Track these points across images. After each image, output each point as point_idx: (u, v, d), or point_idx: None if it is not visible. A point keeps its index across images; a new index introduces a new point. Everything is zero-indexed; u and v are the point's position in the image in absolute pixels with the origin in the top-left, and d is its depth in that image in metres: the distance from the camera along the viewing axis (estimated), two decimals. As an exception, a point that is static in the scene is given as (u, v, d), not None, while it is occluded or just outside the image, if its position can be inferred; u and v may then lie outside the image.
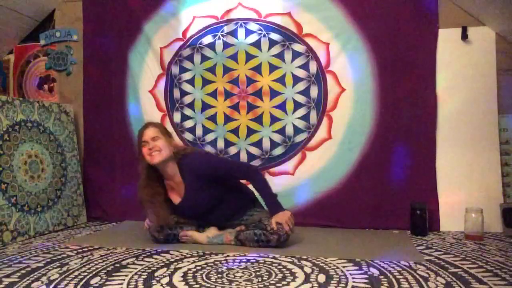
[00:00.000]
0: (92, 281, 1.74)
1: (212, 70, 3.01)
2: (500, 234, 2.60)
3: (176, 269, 1.90)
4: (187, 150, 2.42)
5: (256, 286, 1.68)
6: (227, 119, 2.99)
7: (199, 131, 3.04)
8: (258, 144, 2.95)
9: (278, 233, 2.22)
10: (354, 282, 1.72)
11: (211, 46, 3.01)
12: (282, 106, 2.93)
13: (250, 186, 2.43)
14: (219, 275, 1.81)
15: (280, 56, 2.92)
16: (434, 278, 1.76)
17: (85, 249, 2.26)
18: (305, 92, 2.90)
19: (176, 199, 2.35)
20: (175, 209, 2.36)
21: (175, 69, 3.08)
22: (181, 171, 2.30)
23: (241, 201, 2.42)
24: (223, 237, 2.34)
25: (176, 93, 3.08)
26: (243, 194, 2.45)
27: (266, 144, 2.94)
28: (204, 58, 3.02)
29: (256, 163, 2.93)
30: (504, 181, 2.71)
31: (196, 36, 3.04)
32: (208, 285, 1.70)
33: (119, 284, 1.72)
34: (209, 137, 3.04)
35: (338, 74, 2.87)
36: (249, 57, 2.97)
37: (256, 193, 2.39)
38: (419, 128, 2.77)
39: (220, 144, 3.02)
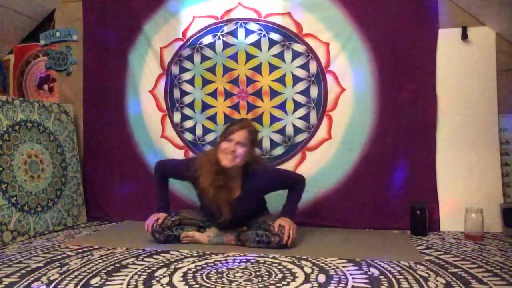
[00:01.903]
0: (92, 281, 1.74)
1: (212, 70, 3.01)
2: (500, 234, 2.60)
3: (176, 269, 1.90)
4: (257, 164, 2.34)
5: (256, 286, 1.68)
6: (227, 119, 2.98)
7: (199, 131, 3.04)
8: (258, 144, 2.95)
9: (279, 235, 2.22)
10: (354, 282, 1.72)
11: (211, 46, 3.01)
12: (282, 106, 2.93)
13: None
14: (219, 275, 1.81)
15: (280, 56, 2.92)
16: (434, 279, 1.76)
17: (85, 249, 2.26)
18: (305, 92, 2.90)
19: None
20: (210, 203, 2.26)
21: (175, 69, 3.08)
22: (244, 181, 2.30)
23: (262, 208, 2.50)
24: (224, 236, 2.34)
25: (176, 93, 3.08)
26: (265, 201, 2.54)
27: (266, 144, 2.94)
28: (204, 58, 3.03)
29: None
30: (504, 181, 2.71)
31: (196, 36, 3.04)
32: (208, 285, 1.70)
33: (119, 284, 1.72)
34: (209, 137, 3.03)
35: (338, 74, 2.87)
36: (249, 57, 2.97)
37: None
38: (419, 128, 2.77)
39: (220, 144, 3.02)
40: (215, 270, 1.88)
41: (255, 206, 2.40)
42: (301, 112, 2.91)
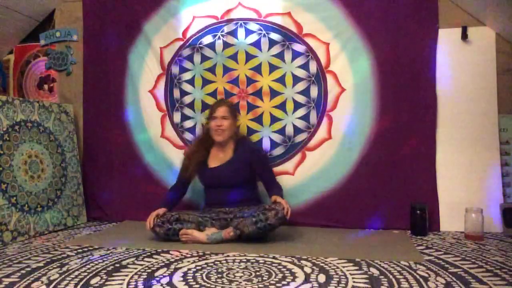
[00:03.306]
0: (92, 281, 1.74)
1: (212, 70, 3.01)
2: (500, 234, 2.60)
3: (176, 269, 1.90)
4: (245, 135, 2.86)
5: (256, 286, 1.68)
6: (227, 119, 2.98)
7: (199, 131, 3.04)
8: (258, 144, 2.95)
9: (275, 208, 2.29)
10: (354, 282, 1.72)
11: (211, 46, 3.01)
12: (282, 106, 2.93)
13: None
14: (219, 275, 1.81)
15: (280, 56, 2.92)
16: (434, 279, 1.76)
17: (85, 249, 2.26)
18: (305, 92, 2.90)
19: (214, 163, 2.63)
20: (207, 172, 2.63)
21: (175, 69, 3.08)
22: (237, 146, 2.64)
23: (255, 195, 2.66)
24: (222, 232, 2.36)
25: (176, 93, 3.08)
26: (257, 193, 2.71)
27: (266, 144, 2.94)
28: (204, 58, 3.02)
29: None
30: (504, 181, 2.71)
31: (196, 36, 3.04)
32: (208, 285, 1.70)
33: (119, 284, 1.72)
34: (209, 137, 3.03)
35: (338, 74, 2.87)
36: (249, 57, 2.96)
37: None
38: (419, 128, 2.77)
39: (220, 144, 3.02)
40: (215, 270, 1.88)
41: (249, 175, 2.61)
42: (301, 112, 2.91)
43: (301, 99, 2.90)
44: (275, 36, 2.93)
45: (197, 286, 1.69)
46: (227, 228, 2.39)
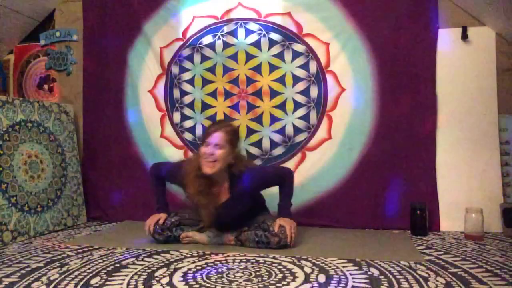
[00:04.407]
0: (92, 281, 1.74)
1: (212, 70, 3.01)
2: (500, 234, 2.60)
3: (176, 269, 1.90)
4: (242, 166, 2.27)
5: (256, 286, 1.68)
6: (227, 119, 2.98)
7: (199, 131, 3.04)
8: (258, 144, 2.95)
9: (279, 236, 2.21)
10: (354, 282, 1.72)
11: (211, 46, 3.01)
12: (282, 106, 2.93)
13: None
14: (219, 275, 1.81)
15: (280, 56, 2.92)
16: (434, 279, 1.76)
17: (85, 249, 2.26)
18: (305, 92, 2.90)
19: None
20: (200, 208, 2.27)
21: (175, 69, 3.08)
22: (232, 184, 2.25)
23: (259, 209, 2.45)
24: (224, 237, 2.34)
25: (176, 93, 3.08)
26: (261, 202, 2.50)
27: (266, 144, 2.94)
28: (204, 58, 3.02)
29: (256, 163, 2.92)
30: (504, 181, 2.71)
31: (196, 36, 3.04)
32: (208, 285, 1.70)
33: (119, 284, 1.72)
34: (209, 137, 3.03)
35: (338, 74, 2.87)
36: (249, 57, 2.96)
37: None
38: (419, 128, 2.77)
39: (220, 144, 3.01)
40: (215, 271, 1.88)
41: (248, 208, 2.35)
42: (301, 112, 2.91)
43: (301, 99, 2.90)
44: (275, 36, 2.93)
45: (197, 286, 1.69)
46: (230, 235, 2.34)
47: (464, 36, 2.73)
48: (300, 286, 1.68)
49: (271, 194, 2.44)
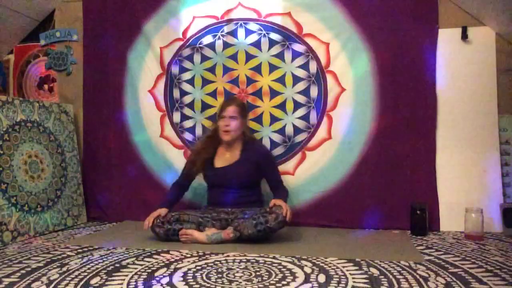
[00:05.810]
0: (92, 281, 1.74)
1: (212, 70, 3.01)
2: (500, 234, 2.60)
3: (176, 269, 1.90)
4: (254, 136, 2.82)
5: (256, 286, 1.68)
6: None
7: (199, 131, 3.04)
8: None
9: (276, 212, 2.29)
10: (354, 282, 1.72)
11: (211, 46, 3.01)
12: (282, 106, 2.92)
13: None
14: (219, 275, 1.81)
15: (280, 56, 2.92)
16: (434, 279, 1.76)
17: (85, 249, 2.26)
18: (305, 92, 2.90)
19: (220, 163, 2.63)
20: (212, 171, 2.63)
21: (175, 69, 3.07)
22: (244, 147, 2.64)
23: (258, 197, 2.66)
24: (222, 233, 2.36)
25: (176, 93, 3.08)
26: (261, 194, 2.71)
27: (266, 144, 2.94)
28: (204, 58, 3.02)
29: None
30: (504, 181, 2.71)
31: (196, 36, 3.04)
32: (208, 285, 1.70)
33: (119, 284, 1.72)
34: (209, 137, 3.03)
35: (338, 74, 2.86)
36: (249, 57, 2.96)
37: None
38: (419, 128, 2.77)
39: (220, 144, 3.01)
40: (215, 270, 1.88)
41: (255, 178, 2.63)
42: (301, 112, 2.91)
43: (301, 99, 2.90)
44: (275, 36, 2.93)
45: (197, 286, 1.69)
46: (227, 229, 2.39)
47: (464, 36, 2.73)
48: (300, 286, 1.68)
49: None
